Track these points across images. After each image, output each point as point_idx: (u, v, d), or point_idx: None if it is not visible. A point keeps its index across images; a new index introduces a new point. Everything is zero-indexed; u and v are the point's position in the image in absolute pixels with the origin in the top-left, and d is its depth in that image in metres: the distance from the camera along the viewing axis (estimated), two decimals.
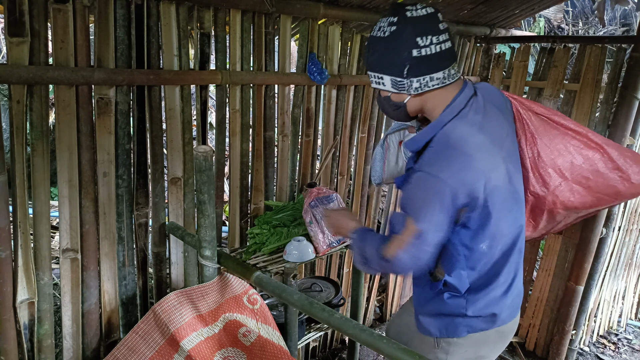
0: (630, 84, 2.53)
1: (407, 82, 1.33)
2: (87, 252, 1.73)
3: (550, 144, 1.52)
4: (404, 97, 1.38)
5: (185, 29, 1.81)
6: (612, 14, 6.86)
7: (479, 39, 3.19)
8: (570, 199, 1.55)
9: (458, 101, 1.35)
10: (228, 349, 1.59)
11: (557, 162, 1.52)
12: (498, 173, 1.33)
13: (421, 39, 1.29)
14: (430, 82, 1.33)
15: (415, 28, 1.29)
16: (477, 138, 1.31)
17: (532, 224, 1.66)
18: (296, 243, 2.00)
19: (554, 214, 1.61)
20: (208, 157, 1.47)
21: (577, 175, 1.53)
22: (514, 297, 1.54)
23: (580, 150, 1.53)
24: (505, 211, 1.38)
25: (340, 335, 3.04)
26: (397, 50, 1.30)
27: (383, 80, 1.38)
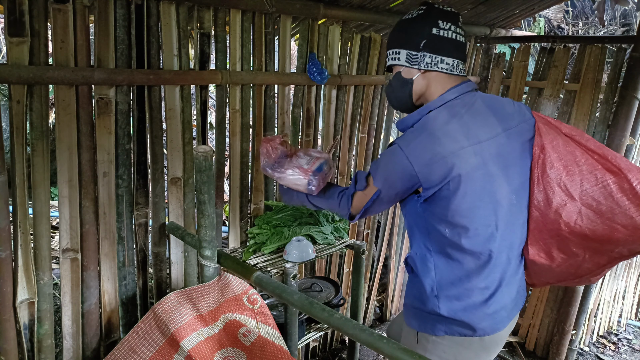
0: (630, 84, 2.53)
1: (420, 56, 1.45)
2: (87, 252, 1.73)
3: (562, 160, 1.47)
4: (414, 73, 1.49)
5: (185, 29, 1.81)
6: (612, 14, 6.86)
7: (479, 39, 3.19)
8: (577, 222, 1.44)
9: (450, 92, 1.46)
10: (228, 349, 1.59)
11: (564, 179, 1.45)
12: (465, 164, 1.37)
13: (442, 22, 1.44)
14: (440, 64, 1.45)
15: (440, 13, 1.45)
16: (450, 125, 1.40)
17: (543, 248, 1.54)
18: (296, 243, 2.00)
19: (565, 240, 1.48)
20: (208, 157, 1.47)
21: (587, 197, 1.42)
22: (500, 308, 1.50)
23: (593, 171, 1.43)
24: (476, 207, 1.41)
25: (340, 335, 3.04)
26: (419, 26, 1.45)
27: (399, 55, 1.50)
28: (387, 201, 1.51)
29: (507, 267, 1.51)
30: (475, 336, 1.49)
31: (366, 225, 2.96)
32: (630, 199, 1.37)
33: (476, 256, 1.46)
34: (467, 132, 1.40)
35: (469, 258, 1.46)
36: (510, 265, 1.52)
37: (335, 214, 1.69)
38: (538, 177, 1.50)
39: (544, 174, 1.49)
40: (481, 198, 1.42)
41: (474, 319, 1.47)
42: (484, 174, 1.41)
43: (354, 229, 2.85)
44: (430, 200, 1.43)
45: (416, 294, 1.56)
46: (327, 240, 2.17)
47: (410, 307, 1.60)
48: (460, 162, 1.37)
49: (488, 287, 1.48)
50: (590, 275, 1.55)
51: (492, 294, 1.48)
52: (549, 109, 2.91)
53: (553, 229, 1.48)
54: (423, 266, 1.52)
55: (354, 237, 2.86)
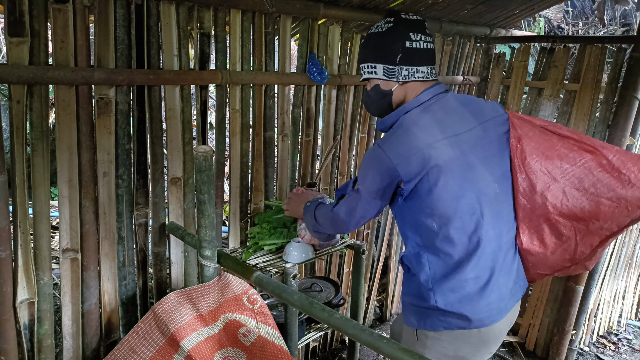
0: (630, 84, 2.53)
1: (397, 69, 1.54)
2: (87, 252, 1.73)
3: (539, 147, 1.56)
4: (392, 85, 1.58)
5: (185, 29, 1.81)
6: (612, 14, 6.86)
7: (479, 39, 3.19)
8: (563, 202, 1.52)
9: (424, 94, 1.55)
10: (228, 349, 1.59)
11: (544, 164, 1.54)
12: (442, 155, 1.44)
13: (413, 34, 1.52)
14: (417, 74, 1.55)
15: (409, 25, 1.53)
16: (424, 121, 1.49)
17: (535, 236, 1.59)
18: (296, 243, 2.00)
19: (554, 224, 1.55)
20: (208, 157, 1.47)
21: (569, 177, 1.52)
22: (497, 298, 1.52)
23: (570, 153, 1.53)
24: (458, 196, 1.46)
25: (340, 335, 3.04)
26: (392, 41, 1.52)
27: (376, 69, 1.58)
28: (372, 199, 1.54)
29: (498, 255, 1.53)
30: (472, 328, 1.50)
31: (366, 225, 2.96)
32: (610, 173, 1.47)
33: (464, 245, 1.48)
34: (442, 127, 1.48)
35: (458, 248, 1.48)
36: (501, 254, 1.54)
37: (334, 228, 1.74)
38: (519, 165, 1.57)
39: (524, 161, 1.55)
40: (462, 187, 1.46)
41: (470, 310, 1.49)
42: (463, 164, 1.47)
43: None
44: (413, 196, 1.48)
45: (413, 291, 1.58)
46: None
47: (408, 305, 1.62)
48: (437, 154, 1.43)
49: (480, 277, 1.50)
50: (585, 259, 1.59)
51: (485, 284, 1.50)
52: (549, 109, 2.91)
53: (542, 213, 1.55)
54: (417, 263, 1.54)
55: (354, 237, 2.86)
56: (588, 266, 1.63)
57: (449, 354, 1.55)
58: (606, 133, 2.70)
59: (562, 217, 1.53)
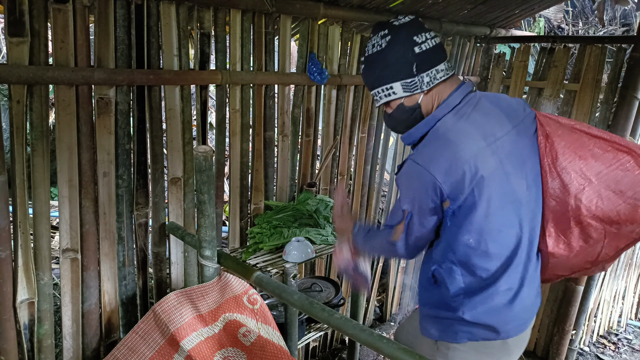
0: (630, 84, 2.53)
1: (418, 79, 1.39)
2: (87, 252, 1.73)
3: (570, 146, 1.45)
4: (418, 98, 1.43)
5: (185, 29, 1.81)
6: (612, 14, 6.86)
7: (479, 39, 3.19)
8: (598, 205, 1.40)
9: (454, 97, 1.41)
10: (228, 349, 1.59)
11: (578, 165, 1.42)
12: (486, 165, 1.33)
13: (417, 37, 1.38)
14: (438, 75, 1.40)
15: (408, 30, 1.39)
16: (464, 128, 1.35)
17: (562, 239, 1.50)
18: (296, 243, 2.00)
19: (586, 227, 1.45)
20: (208, 157, 1.47)
21: (606, 178, 1.40)
22: (521, 309, 1.46)
23: (605, 153, 1.41)
24: (499, 209, 1.36)
25: (340, 335, 3.04)
26: (400, 54, 1.38)
27: (393, 89, 1.43)
28: (424, 224, 1.41)
29: (527, 265, 1.46)
30: (499, 339, 1.45)
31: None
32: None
33: (502, 259, 1.41)
34: (482, 132, 1.36)
35: (496, 262, 1.41)
36: (530, 263, 1.47)
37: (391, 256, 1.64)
38: (549, 165, 1.45)
39: (555, 161, 1.44)
40: (503, 199, 1.37)
41: (498, 321, 1.43)
42: (502, 174, 1.36)
43: None
44: (456, 213, 1.37)
45: (435, 301, 1.50)
46: (326, 241, 2.17)
47: (428, 317, 1.54)
48: (482, 164, 1.32)
49: (511, 288, 1.43)
50: (606, 261, 1.52)
51: (514, 295, 1.43)
52: (549, 109, 2.91)
53: (574, 216, 1.44)
54: (449, 277, 1.45)
55: None
56: (606, 267, 1.57)
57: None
58: None
59: (595, 220, 1.43)
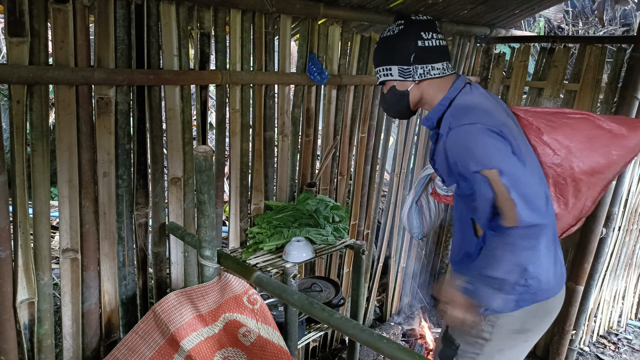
0: (630, 84, 2.53)
1: (412, 69, 1.57)
2: (87, 252, 1.73)
3: (545, 122, 1.68)
4: (408, 85, 1.60)
5: (185, 29, 1.81)
6: (612, 14, 6.86)
7: (479, 39, 3.19)
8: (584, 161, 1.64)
9: (456, 84, 1.57)
10: (228, 349, 1.59)
11: (557, 134, 1.65)
12: (512, 131, 1.48)
13: (424, 33, 1.56)
14: (432, 71, 1.57)
15: (420, 26, 1.57)
16: (484, 102, 1.52)
17: (561, 199, 1.69)
18: (296, 243, 2.01)
19: (578, 183, 1.66)
20: (208, 157, 1.47)
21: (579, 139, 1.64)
22: (559, 268, 1.60)
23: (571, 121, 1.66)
24: (530, 167, 1.50)
25: (340, 335, 3.04)
26: (405, 42, 1.56)
27: (391, 70, 1.61)
28: (516, 165, 1.37)
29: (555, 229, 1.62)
30: (542, 300, 1.56)
31: (366, 225, 2.95)
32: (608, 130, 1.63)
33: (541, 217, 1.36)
34: (494, 108, 1.53)
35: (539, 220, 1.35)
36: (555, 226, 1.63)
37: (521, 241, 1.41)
38: (536, 140, 1.66)
39: (540, 135, 1.66)
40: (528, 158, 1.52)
41: (548, 282, 1.55)
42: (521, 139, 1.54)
43: (354, 230, 2.85)
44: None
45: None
46: (326, 241, 2.17)
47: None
48: (509, 130, 1.47)
49: (549, 247, 1.56)
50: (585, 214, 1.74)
51: (553, 255, 1.57)
52: None
53: (569, 175, 1.65)
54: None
55: (354, 237, 2.86)
56: (582, 222, 1.79)
57: (516, 328, 1.57)
58: None
59: (584, 174, 1.64)
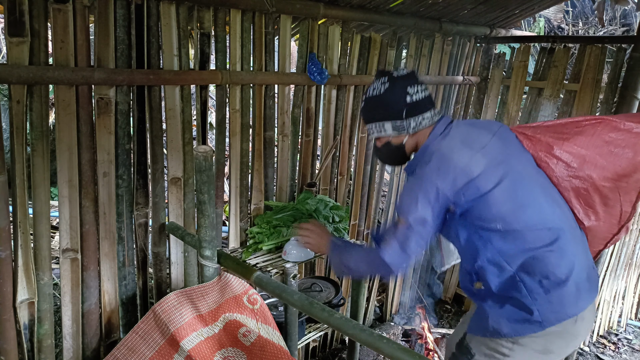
0: (630, 84, 2.53)
1: (406, 123, 1.64)
2: (87, 252, 1.73)
3: (554, 136, 1.66)
4: (403, 138, 1.68)
5: (185, 29, 1.81)
6: (612, 14, 6.86)
7: (479, 39, 3.19)
8: (604, 167, 1.61)
9: (435, 130, 1.64)
10: (228, 349, 1.59)
11: (568, 145, 1.64)
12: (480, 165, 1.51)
13: (410, 88, 1.63)
14: (423, 121, 1.64)
15: (404, 82, 1.63)
16: (451, 144, 1.57)
17: (590, 210, 1.66)
18: (295, 243, 2.00)
19: (602, 191, 1.63)
20: (208, 157, 1.47)
21: (595, 145, 1.62)
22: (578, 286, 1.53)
23: (582, 129, 1.64)
24: (512, 190, 1.51)
25: (340, 335, 3.04)
26: (394, 99, 1.63)
27: (384, 127, 1.67)
28: (423, 227, 1.53)
29: (572, 240, 1.56)
30: (564, 321, 1.51)
31: (366, 225, 2.96)
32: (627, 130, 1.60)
33: (537, 230, 1.51)
34: (469, 144, 1.56)
35: (531, 235, 1.50)
36: (575, 240, 1.58)
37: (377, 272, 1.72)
38: (546, 156, 1.66)
39: (550, 150, 1.65)
40: (514, 181, 1.52)
41: (565, 304, 1.50)
42: (504, 165, 1.54)
43: (354, 230, 2.85)
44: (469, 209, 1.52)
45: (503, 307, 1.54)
46: None
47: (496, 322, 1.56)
48: (476, 167, 1.50)
49: (566, 270, 1.51)
50: (627, 220, 1.68)
51: (569, 275, 1.51)
52: (549, 109, 2.91)
53: (590, 184, 1.63)
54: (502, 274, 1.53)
55: (354, 237, 2.86)
56: (628, 227, 1.73)
57: (538, 349, 1.55)
58: None
59: (607, 181, 1.61)
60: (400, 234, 1.54)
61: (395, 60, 2.70)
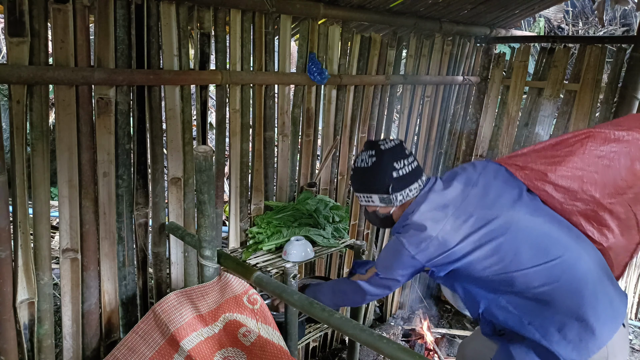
0: (630, 84, 2.53)
1: (392, 197, 1.66)
2: (87, 252, 1.73)
3: (546, 161, 1.63)
4: (390, 209, 1.72)
5: (185, 29, 1.81)
6: (612, 14, 6.86)
7: (479, 39, 3.19)
8: (603, 183, 1.56)
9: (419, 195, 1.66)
10: (228, 349, 1.59)
11: (561, 169, 1.59)
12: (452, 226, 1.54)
13: (397, 163, 1.64)
14: (410, 193, 1.67)
15: (390, 156, 1.65)
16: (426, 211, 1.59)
17: (603, 229, 1.60)
18: (295, 243, 2.00)
19: (610, 207, 1.57)
20: (208, 157, 1.47)
21: (588, 162, 1.58)
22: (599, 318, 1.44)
23: (572, 148, 1.60)
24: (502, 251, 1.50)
25: (340, 335, 3.04)
26: (381, 174, 1.65)
27: (372, 198, 1.71)
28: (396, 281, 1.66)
29: (581, 267, 1.49)
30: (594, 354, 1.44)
31: (366, 225, 2.96)
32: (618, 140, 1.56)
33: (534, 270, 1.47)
34: (442, 206, 1.58)
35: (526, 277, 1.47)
36: (586, 266, 1.49)
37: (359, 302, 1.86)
38: (542, 183, 1.62)
39: (545, 177, 1.61)
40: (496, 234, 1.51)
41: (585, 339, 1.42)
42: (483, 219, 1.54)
43: (354, 229, 2.85)
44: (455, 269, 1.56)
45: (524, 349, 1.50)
46: (328, 243, 2.17)
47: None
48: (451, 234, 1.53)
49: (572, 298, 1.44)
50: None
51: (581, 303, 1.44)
52: (549, 109, 2.91)
53: (596, 204, 1.58)
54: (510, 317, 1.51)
55: (354, 237, 2.86)
56: None
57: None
58: None
59: (611, 196, 1.57)
60: (374, 280, 1.69)
61: (395, 60, 2.70)
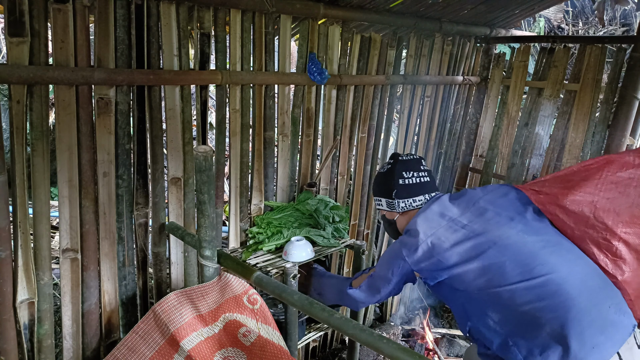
0: (630, 84, 2.53)
1: (395, 202, 1.83)
2: (87, 252, 1.73)
3: (562, 186, 1.65)
4: (394, 215, 1.88)
5: (185, 29, 1.81)
6: (612, 14, 6.86)
7: (479, 39, 3.19)
8: (616, 210, 1.53)
9: (424, 206, 1.74)
10: (228, 349, 1.59)
11: (576, 194, 1.59)
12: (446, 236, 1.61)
13: (405, 173, 1.82)
14: (414, 204, 1.82)
15: (403, 166, 1.83)
16: (424, 217, 1.68)
17: (618, 260, 1.53)
18: (296, 243, 2.00)
19: (623, 237, 1.51)
20: (208, 157, 1.47)
21: (603, 189, 1.57)
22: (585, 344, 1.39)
23: (589, 173, 1.61)
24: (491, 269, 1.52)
25: (340, 335, 3.04)
26: (389, 179, 1.84)
27: (381, 201, 1.91)
28: (388, 284, 1.72)
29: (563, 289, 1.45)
30: None
31: (366, 225, 2.96)
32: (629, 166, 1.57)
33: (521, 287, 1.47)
34: (439, 215, 1.68)
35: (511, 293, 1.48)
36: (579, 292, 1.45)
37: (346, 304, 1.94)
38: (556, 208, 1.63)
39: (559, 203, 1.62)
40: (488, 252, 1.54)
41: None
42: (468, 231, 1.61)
43: (354, 230, 2.85)
44: (443, 281, 1.61)
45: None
46: (328, 243, 2.17)
47: None
48: (439, 237, 1.61)
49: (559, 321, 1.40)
50: None
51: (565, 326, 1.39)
52: (549, 109, 2.91)
53: (609, 232, 1.54)
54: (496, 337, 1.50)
55: (354, 237, 2.86)
56: None
57: None
58: (606, 133, 2.70)
59: (626, 226, 1.52)
60: (369, 281, 1.79)
61: (395, 60, 2.70)
